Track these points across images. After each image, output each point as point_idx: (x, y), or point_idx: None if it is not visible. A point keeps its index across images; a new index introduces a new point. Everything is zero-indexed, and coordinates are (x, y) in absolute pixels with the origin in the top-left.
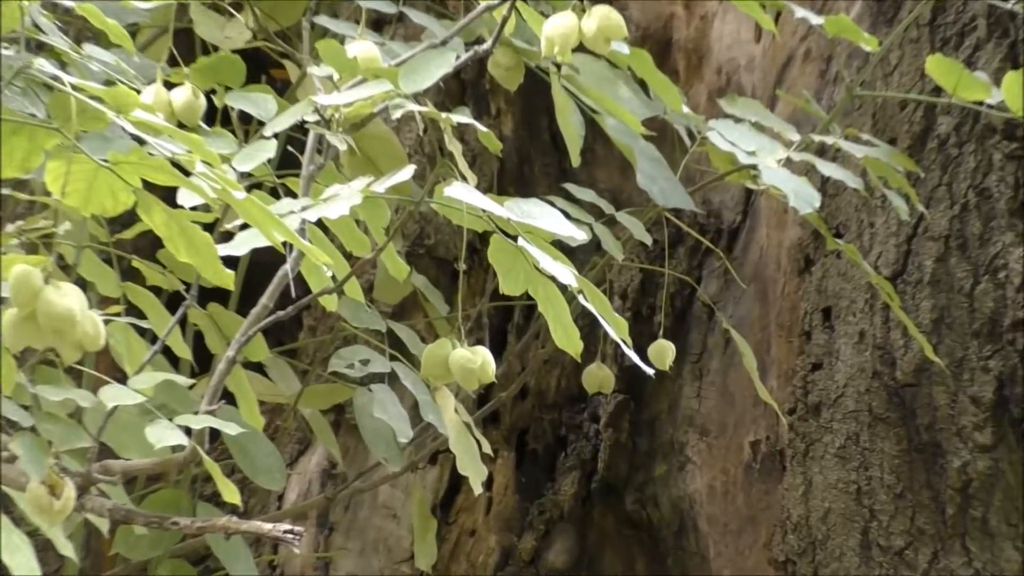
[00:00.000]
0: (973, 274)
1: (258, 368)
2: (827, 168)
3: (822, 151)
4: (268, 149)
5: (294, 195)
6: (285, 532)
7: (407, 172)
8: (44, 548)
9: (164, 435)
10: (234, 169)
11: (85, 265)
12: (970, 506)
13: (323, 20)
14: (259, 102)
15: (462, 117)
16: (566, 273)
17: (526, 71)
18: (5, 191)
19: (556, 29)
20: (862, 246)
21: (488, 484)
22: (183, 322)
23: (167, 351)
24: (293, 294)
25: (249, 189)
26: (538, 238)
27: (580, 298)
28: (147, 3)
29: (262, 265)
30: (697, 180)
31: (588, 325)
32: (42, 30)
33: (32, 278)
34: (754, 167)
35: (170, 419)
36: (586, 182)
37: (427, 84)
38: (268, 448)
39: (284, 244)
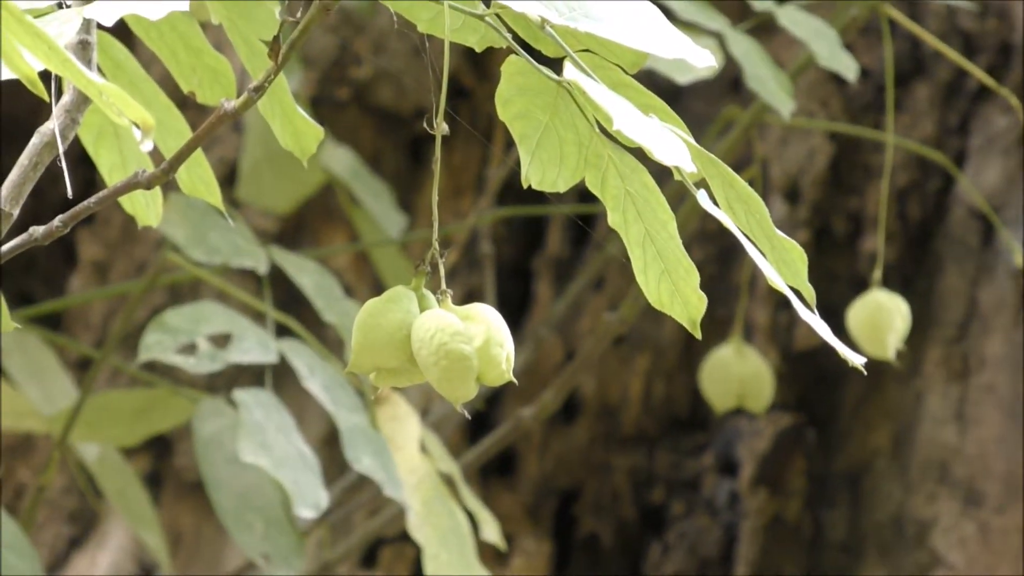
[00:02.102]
0: None
1: None
2: None
3: None
4: None
5: None
6: None
7: None
8: None
9: None
10: None
11: None
12: None
13: None
14: None
15: None
16: (671, 144)
17: None
18: None
19: None
20: None
21: None
22: None
23: None
24: (69, 191)
25: None
26: (607, 65)
27: (700, 199)
28: None
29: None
30: None
31: (714, 259)
32: None
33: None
34: None
35: None
36: None
37: None
38: (8, 532)
39: (46, 79)
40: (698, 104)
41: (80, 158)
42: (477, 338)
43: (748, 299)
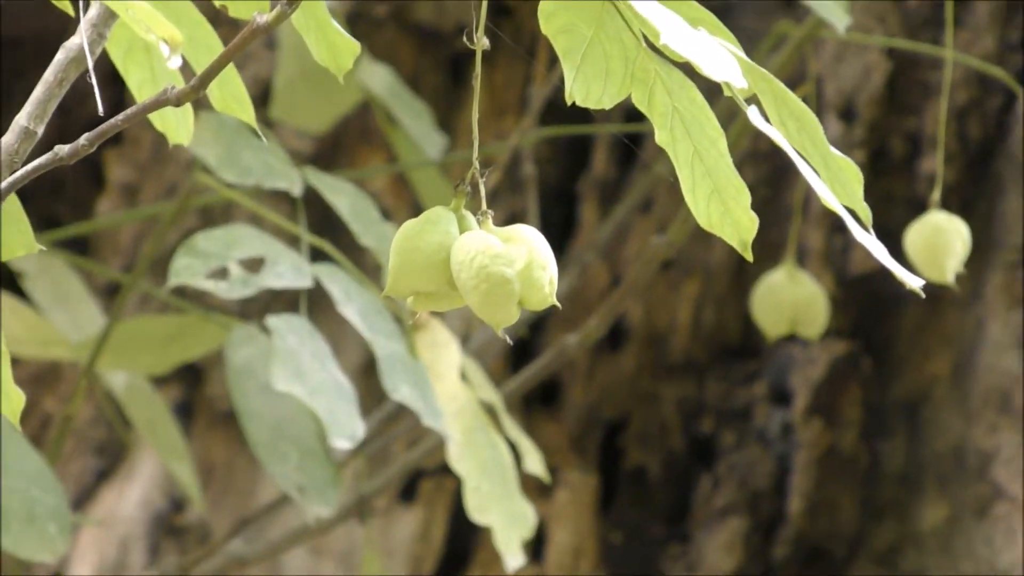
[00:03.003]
0: None
1: (11, 282)
2: None
3: None
4: None
5: None
6: None
7: None
8: None
9: None
10: None
11: None
12: None
13: None
14: None
15: None
16: (720, 58)
17: None
18: None
19: None
20: None
21: (535, 548)
22: None
23: None
24: (100, 107)
25: None
26: None
27: (751, 115)
28: None
29: (21, 42)
30: None
31: (766, 180)
32: None
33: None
34: None
35: None
36: None
37: None
38: (33, 465)
39: None
40: (749, 19)
41: (109, 76)
42: (519, 260)
43: (801, 221)
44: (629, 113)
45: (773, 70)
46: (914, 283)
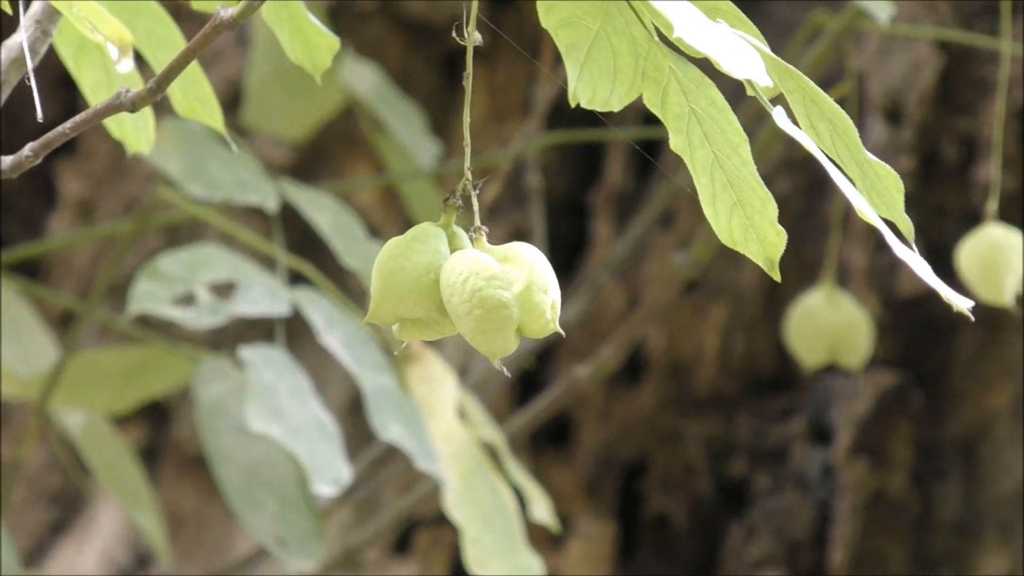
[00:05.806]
0: None
1: None
2: None
3: None
4: None
5: None
6: None
7: None
8: None
9: None
10: None
11: None
12: None
13: None
14: None
15: None
16: (742, 53)
17: None
18: None
19: None
20: None
21: None
22: None
23: None
24: (39, 114)
25: None
26: None
27: (776, 117)
28: None
29: None
30: None
31: (803, 191)
32: None
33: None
34: None
35: None
36: None
37: None
38: None
39: None
40: (781, 9)
41: (62, 78)
42: (517, 283)
43: (842, 237)
44: (647, 116)
45: (808, 66)
46: (962, 305)
